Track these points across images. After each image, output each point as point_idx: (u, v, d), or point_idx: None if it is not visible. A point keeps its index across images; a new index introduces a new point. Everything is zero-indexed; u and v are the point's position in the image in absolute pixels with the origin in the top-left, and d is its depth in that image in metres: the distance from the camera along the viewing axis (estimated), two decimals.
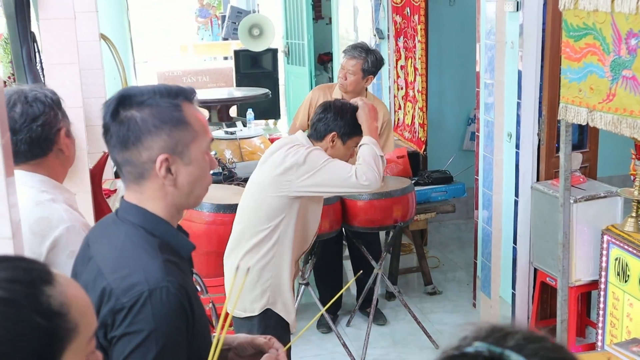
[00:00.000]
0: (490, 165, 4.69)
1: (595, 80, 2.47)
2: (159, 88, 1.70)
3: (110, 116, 1.66)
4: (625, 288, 3.44)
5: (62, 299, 1.08)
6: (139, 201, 1.71)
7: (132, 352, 1.54)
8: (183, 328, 1.61)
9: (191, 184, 1.72)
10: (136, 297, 1.55)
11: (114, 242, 1.71)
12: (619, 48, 2.30)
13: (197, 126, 1.72)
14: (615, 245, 3.52)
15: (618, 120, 2.38)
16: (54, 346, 1.06)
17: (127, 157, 1.68)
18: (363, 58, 4.66)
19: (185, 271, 1.71)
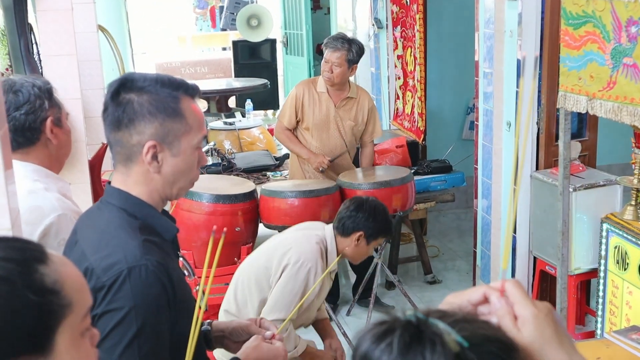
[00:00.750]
0: (490, 154, 4.69)
1: (596, 68, 2.47)
2: (161, 78, 1.74)
3: (111, 96, 1.70)
4: (625, 276, 3.45)
5: (56, 277, 1.10)
6: (124, 184, 1.75)
7: (113, 329, 1.57)
8: (164, 305, 1.63)
9: (175, 174, 1.75)
10: (115, 275, 1.58)
11: (96, 225, 1.74)
12: (619, 36, 2.30)
13: (192, 121, 1.74)
14: (614, 233, 3.52)
15: (618, 108, 2.38)
16: (48, 322, 1.08)
17: (118, 138, 1.72)
18: (347, 49, 4.67)
19: (168, 252, 1.74)
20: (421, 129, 6.13)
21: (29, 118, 2.22)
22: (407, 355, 0.98)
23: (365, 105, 4.91)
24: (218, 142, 5.97)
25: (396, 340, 0.99)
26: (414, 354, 0.97)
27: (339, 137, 4.87)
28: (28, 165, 2.24)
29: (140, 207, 1.73)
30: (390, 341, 1.00)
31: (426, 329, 0.99)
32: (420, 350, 0.97)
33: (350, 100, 4.86)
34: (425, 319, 1.01)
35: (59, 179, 2.35)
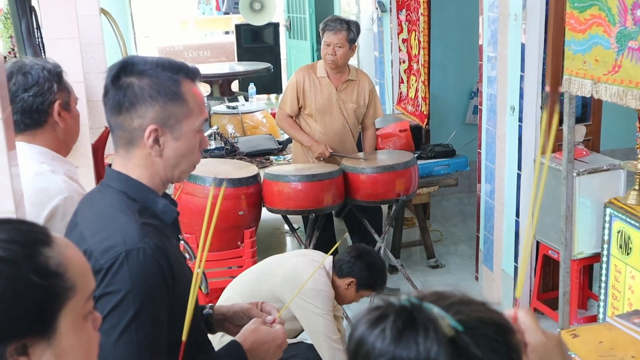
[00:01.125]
0: (493, 138, 4.68)
1: (601, 52, 2.46)
2: (162, 61, 1.73)
3: (111, 80, 1.70)
4: (628, 261, 3.45)
5: (60, 260, 1.10)
6: (125, 167, 1.75)
7: (111, 311, 1.57)
8: (162, 288, 1.64)
9: (177, 158, 1.75)
10: (113, 258, 1.58)
11: (95, 208, 1.75)
12: (625, 19, 2.28)
13: (193, 104, 1.74)
14: (617, 218, 3.52)
15: (623, 92, 2.37)
16: (51, 305, 1.08)
17: (119, 122, 1.72)
18: (346, 29, 4.71)
19: (168, 236, 1.74)
20: (425, 113, 6.12)
21: (37, 100, 2.22)
22: (400, 342, 0.98)
23: (366, 87, 4.92)
24: (221, 126, 5.97)
25: (389, 327, 1.00)
26: (407, 340, 0.98)
27: (343, 121, 4.87)
28: (35, 148, 2.25)
29: (140, 190, 1.73)
30: (383, 327, 1.01)
31: (419, 315, 1.00)
32: (413, 336, 0.98)
33: (351, 83, 4.86)
34: (420, 304, 1.01)
35: (66, 162, 2.36)
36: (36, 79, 2.22)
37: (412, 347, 0.98)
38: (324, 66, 4.84)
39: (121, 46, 5.57)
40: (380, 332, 1.00)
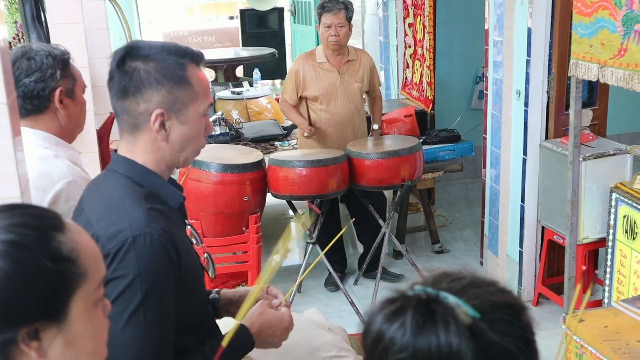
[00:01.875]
0: (499, 123, 4.68)
1: (607, 36, 2.45)
2: (167, 45, 1.74)
3: (116, 64, 1.70)
4: (633, 245, 3.45)
5: (72, 246, 1.11)
6: (131, 152, 1.75)
7: (119, 296, 1.58)
8: (169, 273, 1.65)
9: (183, 142, 1.75)
10: (120, 243, 1.59)
11: (101, 193, 1.75)
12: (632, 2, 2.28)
13: (199, 88, 1.75)
14: (623, 202, 3.52)
15: (630, 76, 2.36)
16: (63, 289, 1.09)
17: (125, 106, 1.72)
18: (344, 8, 4.76)
19: (174, 220, 1.75)
20: (430, 98, 6.11)
21: (38, 86, 2.23)
22: (420, 335, 0.99)
23: (367, 64, 4.94)
24: (226, 112, 5.96)
25: (409, 321, 1.00)
26: (428, 334, 0.98)
27: (349, 103, 4.86)
28: (38, 133, 2.26)
29: (146, 175, 1.74)
30: (403, 321, 1.01)
31: (437, 307, 1.00)
32: (434, 330, 0.98)
33: (352, 63, 4.87)
34: (436, 295, 1.01)
35: (70, 147, 2.37)
36: (39, 64, 2.23)
37: (433, 340, 0.98)
38: (322, 51, 4.84)
39: (126, 32, 5.56)
40: (400, 326, 1.01)
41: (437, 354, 0.97)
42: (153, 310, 1.61)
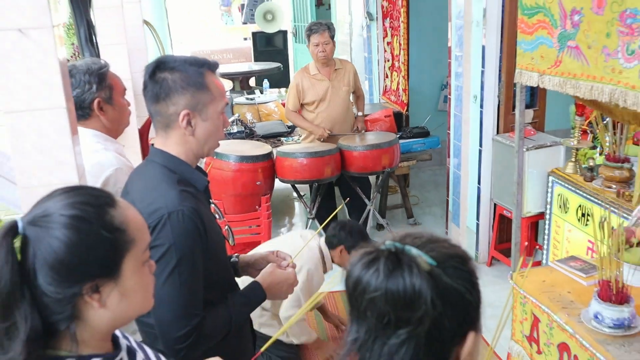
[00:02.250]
0: (460, 122, 4.68)
1: (545, 50, 2.44)
2: (188, 58, 1.73)
3: (149, 76, 1.69)
4: (566, 218, 3.47)
5: (122, 218, 1.12)
6: (165, 146, 1.74)
7: (158, 260, 1.59)
8: (197, 242, 1.65)
9: (206, 136, 1.74)
10: (158, 218, 1.60)
11: (142, 179, 1.75)
12: (565, 23, 2.27)
13: (215, 91, 1.73)
14: (558, 184, 3.53)
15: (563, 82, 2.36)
16: (116, 253, 1.11)
17: (157, 109, 1.71)
18: (327, 29, 4.74)
19: (201, 200, 1.74)
20: (405, 102, 6.11)
21: (80, 99, 2.21)
22: (390, 278, 1.00)
23: (351, 70, 4.94)
24: (241, 114, 5.96)
25: (382, 267, 1.01)
26: (396, 277, 1.00)
27: (340, 104, 4.86)
28: (90, 131, 2.26)
29: (178, 164, 1.73)
30: (377, 267, 1.02)
31: (403, 257, 1.01)
32: (401, 275, 1.00)
33: (339, 71, 4.86)
34: (402, 248, 1.03)
35: (115, 142, 2.36)
36: (78, 81, 2.20)
37: (400, 282, 1.00)
38: (314, 65, 4.84)
39: (160, 50, 5.54)
40: (375, 272, 1.02)
41: (403, 293, 0.99)
42: (186, 271, 1.62)
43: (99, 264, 1.09)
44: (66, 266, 1.05)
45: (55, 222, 1.06)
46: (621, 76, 2.02)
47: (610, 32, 2.05)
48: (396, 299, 0.99)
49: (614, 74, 2.05)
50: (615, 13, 2.01)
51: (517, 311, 2.63)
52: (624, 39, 2.00)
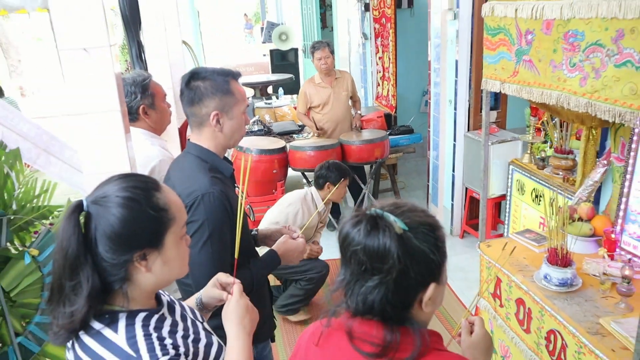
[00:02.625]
0: (438, 121, 4.69)
1: (505, 63, 2.44)
2: (216, 69, 1.73)
3: (185, 84, 1.70)
4: (522, 199, 3.47)
5: (165, 200, 1.13)
6: (199, 140, 1.75)
7: (194, 233, 1.60)
8: (225, 219, 1.65)
9: (232, 132, 1.74)
10: (194, 199, 1.60)
11: (180, 168, 1.75)
12: (520, 41, 2.27)
13: (239, 96, 1.73)
14: (516, 171, 3.53)
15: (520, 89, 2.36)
16: (160, 228, 1.12)
17: (192, 111, 1.71)
18: (327, 45, 4.75)
19: (228, 185, 1.74)
20: (393, 105, 6.10)
21: (128, 106, 2.22)
22: (369, 237, 1.03)
23: (349, 79, 4.93)
24: (261, 116, 5.97)
25: (363, 227, 1.04)
26: (373, 236, 1.03)
27: (340, 106, 4.87)
28: (139, 130, 2.27)
29: (209, 155, 1.73)
30: (359, 227, 1.05)
31: (381, 221, 1.04)
32: (377, 235, 1.03)
33: (339, 80, 4.86)
34: (382, 214, 1.05)
35: (160, 138, 2.37)
36: (126, 92, 2.21)
37: (375, 241, 1.02)
38: (319, 75, 4.84)
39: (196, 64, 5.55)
40: (357, 231, 1.05)
41: (376, 249, 1.02)
42: (216, 243, 1.62)
43: (147, 237, 1.10)
44: (120, 237, 1.06)
45: (112, 201, 1.07)
46: (565, 84, 2.03)
47: (556, 49, 2.05)
48: (371, 253, 1.03)
49: (559, 82, 2.06)
50: (560, 33, 2.01)
51: (483, 274, 2.65)
52: (567, 54, 2.00)
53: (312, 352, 1.16)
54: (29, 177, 2.37)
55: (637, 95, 1.70)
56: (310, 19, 9.34)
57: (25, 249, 2.27)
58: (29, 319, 2.29)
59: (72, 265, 1.04)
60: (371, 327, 1.06)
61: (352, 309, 1.08)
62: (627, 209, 2.59)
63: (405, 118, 6.13)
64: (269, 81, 8.12)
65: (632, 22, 1.69)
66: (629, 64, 1.72)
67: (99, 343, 1.07)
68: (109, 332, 1.07)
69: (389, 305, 1.04)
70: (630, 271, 2.16)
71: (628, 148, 2.60)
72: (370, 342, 1.04)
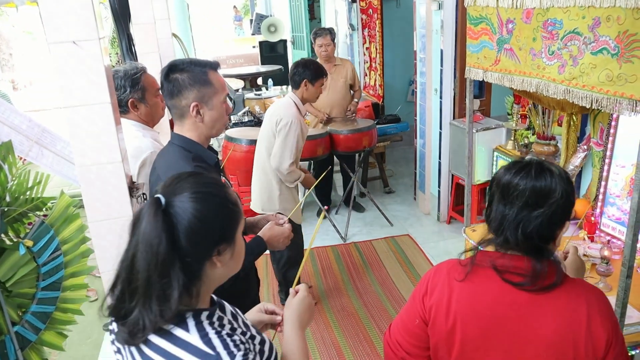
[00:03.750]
0: (424, 109, 4.70)
1: (487, 52, 2.46)
2: (194, 60, 1.72)
3: (164, 77, 1.69)
4: None
5: (234, 197, 1.14)
6: (181, 131, 1.74)
7: None
8: None
9: (213, 122, 1.73)
10: None
11: (165, 157, 1.75)
12: (502, 30, 2.29)
13: (217, 85, 1.72)
14: (501, 157, 3.56)
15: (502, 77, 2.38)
16: (233, 222, 1.11)
17: (173, 103, 1.71)
18: (329, 33, 4.73)
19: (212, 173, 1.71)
20: (381, 95, 6.11)
21: (119, 98, 2.20)
22: (538, 178, 1.23)
23: (349, 67, 4.91)
24: (251, 107, 5.94)
25: (532, 171, 1.24)
26: (543, 177, 1.23)
27: (337, 92, 4.84)
28: (130, 122, 2.25)
29: (192, 145, 1.72)
30: (526, 171, 1.25)
31: (545, 165, 1.26)
32: (545, 175, 1.24)
33: (338, 67, 4.85)
34: (543, 160, 1.30)
35: (151, 130, 2.35)
36: (116, 84, 2.18)
37: (543, 181, 1.23)
38: (319, 61, 4.81)
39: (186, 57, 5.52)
40: (524, 174, 1.24)
41: (545, 187, 1.22)
42: None
43: (224, 231, 1.08)
44: (202, 233, 1.04)
45: (193, 197, 1.04)
46: (544, 72, 2.05)
47: (535, 37, 2.07)
48: (539, 191, 1.22)
49: (539, 70, 2.08)
50: (539, 22, 2.03)
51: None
52: (546, 42, 2.02)
53: (457, 287, 1.29)
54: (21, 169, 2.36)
55: (613, 81, 1.73)
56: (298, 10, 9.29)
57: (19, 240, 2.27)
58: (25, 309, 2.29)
59: (163, 263, 1.00)
60: (520, 261, 1.23)
61: (510, 241, 1.24)
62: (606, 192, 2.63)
63: (393, 107, 6.14)
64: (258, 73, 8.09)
65: (608, 10, 1.71)
66: (604, 51, 1.75)
67: (172, 343, 1.03)
68: (181, 332, 1.03)
69: (541, 236, 1.22)
70: (609, 252, 2.20)
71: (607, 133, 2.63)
72: (519, 274, 1.22)
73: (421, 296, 1.34)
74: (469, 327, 1.26)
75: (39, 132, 2.46)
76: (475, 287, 1.26)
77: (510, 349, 1.22)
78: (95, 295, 3.85)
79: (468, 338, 1.26)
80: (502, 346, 1.23)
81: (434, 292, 1.32)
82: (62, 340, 2.37)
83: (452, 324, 1.27)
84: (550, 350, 1.19)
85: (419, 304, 1.34)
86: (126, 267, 1.03)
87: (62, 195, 2.39)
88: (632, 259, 1.82)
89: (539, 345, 1.20)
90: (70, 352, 3.13)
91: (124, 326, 1.04)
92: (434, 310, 1.30)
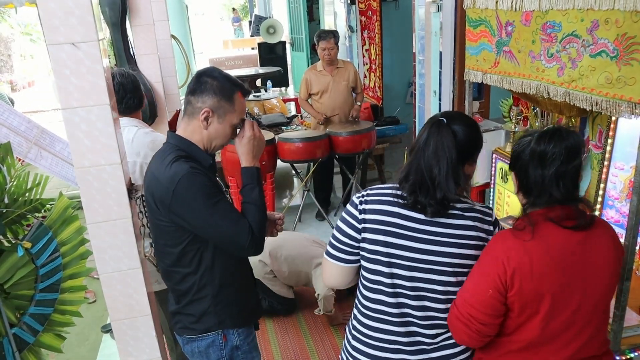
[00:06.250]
0: (423, 112, 4.70)
1: (487, 54, 2.46)
2: (230, 77, 1.74)
3: (197, 75, 1.72)
4: (505, 186, 3.50)
5: None
6: (185, 130, 1.75)
7: (200, 207, 1.63)
8: (213, 186, 1.66)
9: (215, 134, 1.73)
10: (177, 181, 1.62)
11: (160, 157, 1.74)
12: (501, 32, 2.29)
13: (237, 107, 1.73)
14: (500, 160, 3.56)
15: (501, 79, 2.38)
16: None
17: (190, 100, 1.73)
18: (333, 36, 4.73)
19: (208, 175, 1.72)
20: (380, 97, 6.12)
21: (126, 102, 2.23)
22: (567, 140, 1.44)
23: (351, 70, 4.91)
24: (250, 108, 5.96)
25: (559, 135, 1.46)
26: (568, 138, 1.44)
27: (339, 95, 4.85)
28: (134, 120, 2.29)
29: (188, 145, 1.73)
30: (555, 138, 1.46)
31: (563, 129, 1.47)
32: (569, 136, 1.46)
33: (340, 69, 4.85)
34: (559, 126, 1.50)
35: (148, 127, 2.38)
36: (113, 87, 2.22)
37: (571, 140, 1.44)
38: (321, 64, 4.83)
39: (185, 59, 5.52)
40: (555, 141, 1.45)
41: (575, 145, 1.44)
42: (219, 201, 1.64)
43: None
44: (469, 145, 1.64)
45: (464, 121, 1.66)
46: (544, 74, 2.05)
47: (534, 40, 2.07)
48: (571, 149, 1.42)
49: (538, 72, 2.08)
50: (538, 24, 2.03)
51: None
52: (545, 45, 2.03)
53: (531, 246, 1.40)
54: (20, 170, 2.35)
55: (612, 84, 1.73)
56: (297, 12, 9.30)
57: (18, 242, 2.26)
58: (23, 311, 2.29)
59: (454, 168, 1.45)
60: (566, 209, 1.43)
61: (555, 195, 1.43)
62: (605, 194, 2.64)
63: (392, 109, 6.15)
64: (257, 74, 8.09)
65: (607, 13, 1.72)
66: (603, 54, 1.75)
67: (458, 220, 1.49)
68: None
69: (575, 184, 1.44)
70: None
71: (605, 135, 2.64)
72: (570, 219, 1.42)
73: (494, 266, 1.41)
74: (553, 277, 1.39)
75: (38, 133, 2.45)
76: (546, 240, 1.41)
77: (586, 286, 1.40)
78: (93, 297, 3.83)
79: (555, 288, 1.39)
80: (581, 285, 1.40)
81: (510, 257, 1.40)
82: (60, 342, 2.36)
83: (538, 280, 1.38)
84: (613, 277, 1.45)
85: (493, 274, 1.41)
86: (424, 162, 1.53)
87: (60, 196, 2.39)
88: (630, 261, 1.82)
89: (605, 275, 1.42)
90: (69, 354, 3.12)
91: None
92: (517, 273, 1.39)
